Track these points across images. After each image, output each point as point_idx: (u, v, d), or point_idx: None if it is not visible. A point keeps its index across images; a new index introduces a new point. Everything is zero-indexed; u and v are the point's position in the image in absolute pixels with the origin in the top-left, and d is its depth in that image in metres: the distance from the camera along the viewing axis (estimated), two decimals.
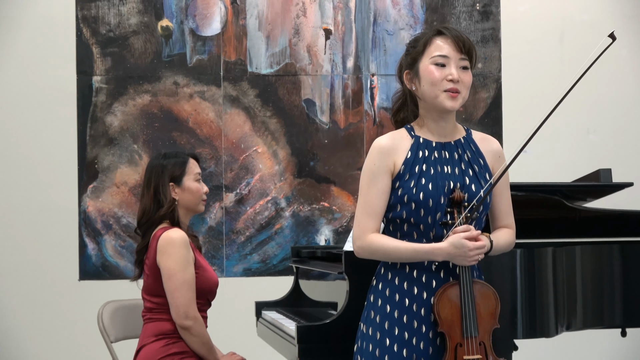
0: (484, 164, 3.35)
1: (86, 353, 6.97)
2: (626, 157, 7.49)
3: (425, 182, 3.21)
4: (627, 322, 4.19)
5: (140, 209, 4.48)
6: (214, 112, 7.33)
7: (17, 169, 7.20)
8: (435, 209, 3.19)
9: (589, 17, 7.58)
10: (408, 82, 3.34)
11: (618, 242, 4.25)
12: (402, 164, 3.25)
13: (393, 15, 7.47)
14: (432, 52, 3.27)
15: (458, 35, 3.28)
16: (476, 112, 7.50)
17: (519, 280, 3.85)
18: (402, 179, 3.23)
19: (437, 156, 3.29)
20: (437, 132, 3.33)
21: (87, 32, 7.27)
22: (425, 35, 3.33)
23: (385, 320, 3.23)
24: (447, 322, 3.16)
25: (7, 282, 7.14)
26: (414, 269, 3.23)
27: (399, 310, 3.22)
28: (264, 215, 7.35)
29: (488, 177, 3.33)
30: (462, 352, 3.15)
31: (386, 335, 3.22)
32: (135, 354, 4.38)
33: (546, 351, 6.89)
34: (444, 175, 3.25)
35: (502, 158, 3.44)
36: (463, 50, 3.26)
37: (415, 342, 3.20)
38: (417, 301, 3.21)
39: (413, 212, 3.21)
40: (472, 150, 3.35)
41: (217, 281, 4.49)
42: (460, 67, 3.26)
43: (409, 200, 3.21)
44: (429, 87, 3.25)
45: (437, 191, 3.21)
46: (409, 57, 3.34)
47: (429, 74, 3.25)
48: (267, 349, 4.69)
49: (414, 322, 3.21)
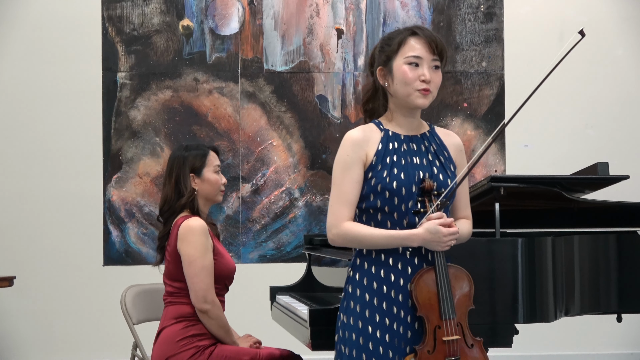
0: (448, 156, 3.35)
1: (110, 334, 6.99)
2: (622, 151, 7.47)
3: (397, 171, 3.20)
4: (622, 308, 4.18)
5: (162, 198, 4.48)
6: (231, 107, 7.33)
7: (46, 160, 7.22)
8: (407, 197, 3.18)
9: (587, 18, 7.56)
10: (381, 79, 3.32)
11: (614, 232, 4.23)
12: (374, 155, 3.24)
13: (402, 16, 7.46)
14: (406, 52, 3.25)
15: (431, 36, 3.27)
16: (480, 109, 7.49)
17: (520, 267, 3.83)
18: (374, 170, 3.22)
19: (406, 148, 3.28)
20: (405, 126, 3.32)
21: (112, 31, 7.28)
22: (400, 34, 3.30)
23: (366, 308, 3.20)
24: (426, 306, 3.14)
25: (36, 267, 7.16)
26: (389, 257, 3.21)
27: (378, 297, 3.19)
28: (279, 205, 7.36)
29: (452, 169, 3.33)
30: (441, 334, 3.13)
31: (368, 323, 3.19)
32: (156, 335, 4.38)
33: (546, 336, 6.89)
34: (414, 166, 3.24)
35: (462, 152, 3.44)
36: (435, 52, 3.25)
37: (396, 327, 3.18)
38: (395, 288, 3.19)
39: (387, 201, 3.20)
40: (437, 143, 3.35)
41: (234, 267, 4.49)
42: (432, 66, 3.26)
43: (382, 189, 3.19)
44: (402, 86, 3.25)
45: (409, 180, 3.20)
46: (383, 55, 3.32)
47: (403, 73, 3.24)
48: (281, 331, 4.69)
49: (393, 308, 3.18)
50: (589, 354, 7.54)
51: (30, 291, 7.10)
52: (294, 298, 4.77)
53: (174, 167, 4.46)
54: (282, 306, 4.69)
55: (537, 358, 7.36)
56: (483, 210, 4.35)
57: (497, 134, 3.26)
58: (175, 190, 4.43)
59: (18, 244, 7.18)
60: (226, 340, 4.33)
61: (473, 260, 3.77)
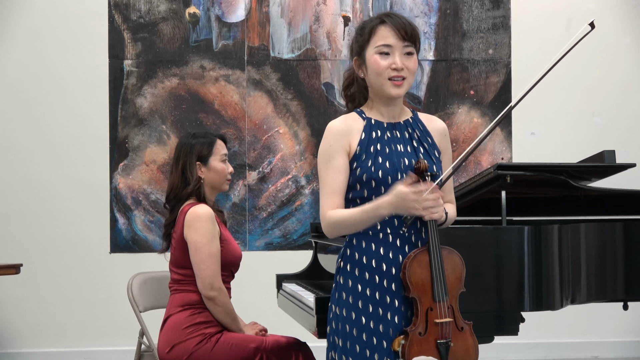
0: (432, 142, 3.29)
1: (116, 322, 7.01)
2: (629, 139, 7.46)
3: (382, 160, 3.17)
4: (628, 296, 4.18)
5: (169, 185, 4.48)
6: (238, 95, 7.33)
7: (53, 148, 7.22)
8: (394, 185, 3.12)
9: (595, 6, 7.54)
10: (357, 69, 3.29)
11: (621, 220, 4.23)
12: (358, 144, 3.20)
13: (408, 3, 7.44)
14: (377, 42, 3.20)
15: (400, 23, 3.20)
16: (487, 96, 7.48)
17: (527, 255, 3.83)
18: (359, 160, 3.18)
19: (389, 136, 3.24)
20: (387, 114, 3.28)
21: (119, 18, 7.27)
22: (370, 23, 3.25)
23: (359, 299, 3.16)
24: (418, 287, 3.09)
25: (43, 255, 7.18)
26: (380, 246, 3.16)
27: (371, 288, 3.15)
28: (285, 193, 7.36)
29: (437, 154, 3.27)
30: (433, 316, 3.08)
31: (361, 313, 3.15)
32: (163, 323, 4.39)
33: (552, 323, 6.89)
34: (399, 153, 3.20)
35: (447, 136, 3.38)
36: (406, 37, 3.19)
37: (390, 317, 3.13)
38: (387, 277, 3.14)
39: (374, 190, 3.15)
40: (420, 130, 3.29)
41: (240, 254, 4.49)
42: (405, 53, 3.19)
43: (368, 179, 3.16)
44: (374, 77, 3.20)
45: (395, 168, 3.15)
46: (357, 45, 3.28)
47: (374, 63, 3.19)
48: (287, 319, 4.69)
49: (386, 298, 3.14)
50: (595, 342, 7.55)
51: (36, 279, 7.12)
52: (300, 286, 4.78)
53: (180, 155, 4.46)
54: (288, 294, 4.69)
55: (544, 346, 7.36)
56: (489, 198, 4.35)
57: (500, 119, 3.21)
58: (182, 178, 4.43)
59: (25, 231, 7.20)
60: (232, 328, 4.34)
61: (479, 248, 3.77)
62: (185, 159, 4.44)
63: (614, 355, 7.52)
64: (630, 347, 7.54)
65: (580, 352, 7.52)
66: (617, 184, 4.69)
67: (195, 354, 4.23)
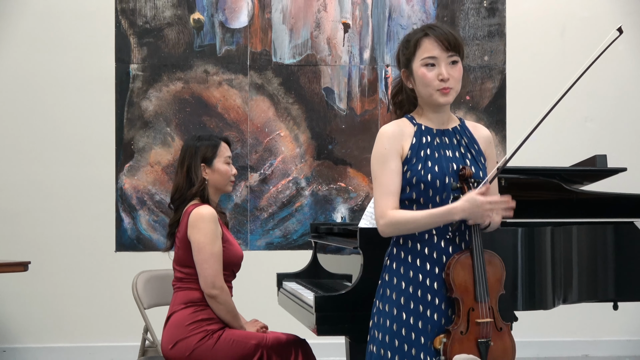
0: (478, 149, 3.35)
1: (121, 319, 7.01)
2: (620, 144, 7.47)
3: (431, 164, 3.21)
4: (618, 297, 4.19)
5: (174, 186, 4.49)
6: (240, 99, 7.34)
7: (60, 149, 7.23)
8: (442, 188, 3.19)
9: (589, 13, 7.55)
10: (405, 80, 3.34)
11: (612, 223, 4.23)
12: (409, 149, 3.25)
13: (407, 10, 7.45)
14: (422, 55, 3.24)
15: (443, 33, 3.25)
16: (482, 101, 7.49)
17: (520, 256, 3.84)
18: (409, 163, 3.23)
19: (439, 141, 3.29)
20: (436, 120, 3.33)
21: (125, 23, 7.28)
22: (415, 36, 3.30)
23: (401, 296, 3.21)
24: (461, 287, 3.14)
25: (50, 253, 7.18)
26: (424, 246, 3.21)
27: (414, 285, 3.20)
28: (286, 194, 7.36)
29: (483, 161, 3.33)
30: (474, 316, 3.14)
31: (402, 310, 3.19)
32: (166, 319, 4.39)
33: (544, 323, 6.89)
34: (447, 158, 3.25)
35: (492, 143, 3.44)
36: (450, 48, 3.23)
37: (429, 314, 3.18)
38: (430, 276, 3.19)
39: (422, 193, 3.21)
40: (467, 137, 3.35)
41: (241, 254, 4.50)
42: (450, 62, 3.24)
43: (417, 181, 3.20)
44: (423, 88, 3.25)
45: (443, 172, 3.21)
46: (404, 57, 3.33)
47: (422, 76, 3.24)
48: (287, 317, 4.70)
49: (427, 296, 3.19)
50: (586, 341, 7.55)
51: (44, 276, 7.12)
52: (300, 284, 4.78)
53: (186, 157, 4.47)
54: (288, 292, 4.70)
55: (536, 344, 7.37)
56: None
57: (538, 124, 3.27)
58: (187, 179, 4.43)
59: (33, 230, 7.20)
60: (234, 325, 4.34)
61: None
62: (190, 160, 4.44)
63: (604, 354, 7.52)
64: (620, 346, 7.54)
65: (571, 350, 7.52)
66: (609, 187, 4.69)
67: (197, 350, 4.23)
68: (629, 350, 7.53)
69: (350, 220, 7.27)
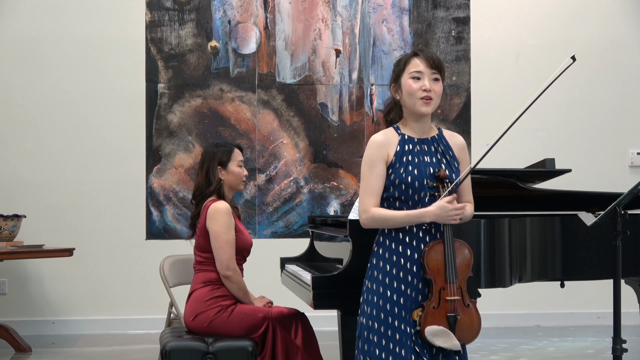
0: (452, 155, 3.35)
1: (151, 295, 6.99)
2: (566, 149, 7.49)
3: (412, 168, 3.22)
4: (564, 276, 4.17)
5: (195, 185, 4.47)
6: (250, 112, 7.33)
7: (100, 154, 7.22)
8: (420, 189, 3.20)
9: (538, 42, 7.57)
10: (394, 93, 3.35)
11: (559, 215, 4.23)
12: (394, 155, 3.25)
13: (388, 39, 7.44)
14: (410, 69, 3.27)
15: (430, 55, 3.29)
16: (451, 114, 7.48)
17: (483, 243, 3.83)
18: (394, 167, 3.23)
19: (419, 149, 3.29)
20: (418, 130, 3.33)
21: (154, 49, 7.26)
22: (406, 56, 3.34)
23: (386, 276, 3.21)
24: (434, 270, 3.15)
25: (92, 240, 7.17)
26: (406, 235, 3.22)
27: (397, 268, 3.20)
28: (288, 192, 7.35)
29: (456, 165, 3.33)
30: (445, 294, 3.15)
31: (387, 288, 3.20)
32: (188, 296, 4.37)
33: (503, 298, 6.88)
34: (426, 163, 3.25)
35: (465, 149, 3.45)
36: (434, 66, 3.26)
37: (409, 292, 3.19)
38: (410, 260, 3.20)
39: (403, 192, 3.21)
40: (444, 144, 3.35)
41: (251, 242, 4.48)
42: (432, 79, 3.27)
43: (399, 182, 3.21)
44: (408, 97, 3.26)
45: (421, 175, 3.21)
46: (394, 74, 3.36)
47: (408, 86, 3.26)
48: (289, 294, 4.68)
49: (407, 277, 3.19)
50: (537, 313, 7.55)
51: (86, 260, 7.11)
52: (300, 267, 4.77)
53: (205, 160, 4.46)
54: (290, 273, 4.68)
55: (496, 316, 7.36)
56: None
57: (509, 127, 3.28)
58: (206, 179, 4.42)
59: (77, 221, 7.19)
60: (244, 301, 4.33)
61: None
62: (208, 163, 4.43)
63: (552, 324, 7.52)
64: (566, 317, 7.55)
65: (525, 321, 7.52)
66: (557, 185, 4.68)
67: (214, 322, 4.22)
68: (573, 321, 7.54)
69: (342, 213, 7.26)
